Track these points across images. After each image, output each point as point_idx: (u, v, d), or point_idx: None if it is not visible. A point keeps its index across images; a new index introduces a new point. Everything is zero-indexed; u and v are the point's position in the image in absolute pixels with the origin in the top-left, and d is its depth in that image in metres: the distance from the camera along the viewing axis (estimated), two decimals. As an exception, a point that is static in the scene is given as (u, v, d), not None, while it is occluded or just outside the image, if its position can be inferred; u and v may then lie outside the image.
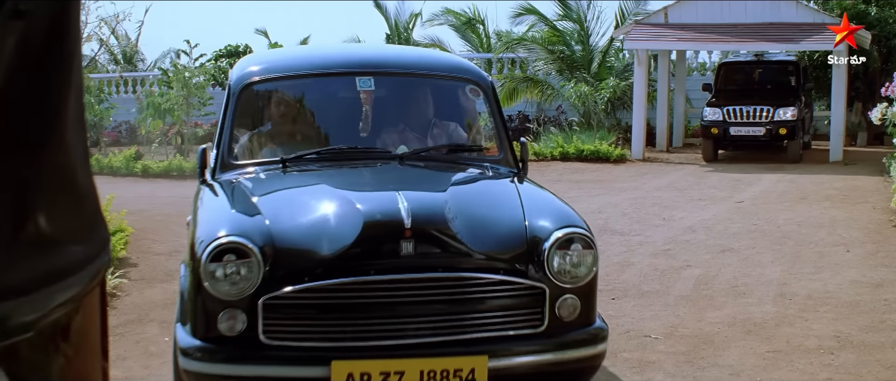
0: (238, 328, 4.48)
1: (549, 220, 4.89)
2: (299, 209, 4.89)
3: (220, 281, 4.46)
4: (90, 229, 1.71)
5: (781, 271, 9.09)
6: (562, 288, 4.72)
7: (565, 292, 4.73)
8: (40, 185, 1.54)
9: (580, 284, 4.77)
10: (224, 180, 5.61)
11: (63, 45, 1.57)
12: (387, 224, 4.62)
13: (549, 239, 4.71)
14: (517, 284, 4.70)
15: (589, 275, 4.79)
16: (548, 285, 4.69)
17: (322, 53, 7.27)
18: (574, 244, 4.75)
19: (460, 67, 6.71)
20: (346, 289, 4.55)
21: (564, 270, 4.72)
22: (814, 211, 12.96)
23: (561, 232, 4.73)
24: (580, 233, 4.78)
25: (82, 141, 1.68)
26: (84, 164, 1.69)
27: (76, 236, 1.65)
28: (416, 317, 4.62)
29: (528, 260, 4.73)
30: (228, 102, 6.03)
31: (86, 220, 1.70)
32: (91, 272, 1.66)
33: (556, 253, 4.70)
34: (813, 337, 6.85)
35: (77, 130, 1.64)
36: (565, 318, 4.75)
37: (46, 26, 1.52)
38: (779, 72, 21.78)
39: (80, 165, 1.67)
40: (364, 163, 5.93)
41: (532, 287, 4.70)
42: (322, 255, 4.54)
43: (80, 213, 1.67)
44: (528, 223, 4.83)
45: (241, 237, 4.49)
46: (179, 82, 22.40)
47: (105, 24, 24.53)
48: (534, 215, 4.92)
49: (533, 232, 4.78)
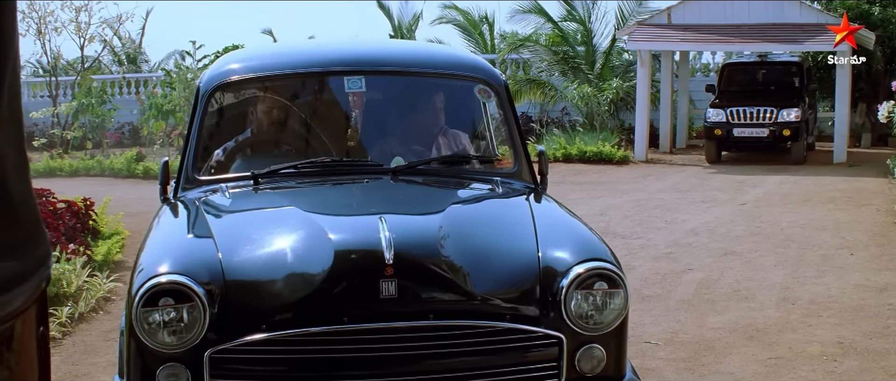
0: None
1: (567, 251, 4.01)
2: (260, 239, 4.06)
3: (156, 330, 3.65)
4: (24, 244, 1.60)
5: (784, 275, 9.02)
6: (583, 337, 3.87)
7: (587, 341, 3.88)
8: None
9: (606, 330, 3.90)
10: (186, 200, 4.82)
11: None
12: (364, 258, 3.82)
13: (568, 276, 3.84)
14: (527, 332, 3.84)
15: (617, 320, 3.93)
16: (566, 333, 3.84)
17: (304, 50, 6.19)
18: (598, 283, 3.86)
19: (468, 64, 5.66)
20: (312, 341, 3.72)
21: (586, 314, 3.86)
22: (817, 213, 12.89)
23: (582, 267, 3.86)
24: (606, 268, 3.90)
25: (17, 149, 1.56)
26: (18, 174, 1.58)
27: (9, 252, 1.55)
28: (400, 375, 3.78)
29: (542, 302, 3.87)
30: (196, 106, 5.21)
31: (21, 234, 1.59)
32: (26, 290, 1.57)
33: (576, 293, 3.84)
34: (816, 343, 6.78)
35: (10, 138, 1.53)
36: (588, 373, 3.91)
37: None
38: (782, 73, 21.70)
39: (13, 177, 1.55)
40: (351, 179, 4.98)
41: (546, 336, 3.85)
42: (283, 297, 3.77)
43: (12, 228, 1.56)
44: (542, 255, 3.97)
45: (181, 275, 3.69)
46: (182, 83, 22.36)
47: (108, 25, 24.52)
48: (549, 244, 4.04)
49: (547, 266, 3.92)
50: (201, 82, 5.32)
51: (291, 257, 3.88)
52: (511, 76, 25.50)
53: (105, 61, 33.81)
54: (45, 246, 1.67)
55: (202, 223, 4.33)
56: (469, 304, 3.83)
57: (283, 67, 5.54)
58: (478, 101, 5.68)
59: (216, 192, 4.83)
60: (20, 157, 1.59)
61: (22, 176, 1.59)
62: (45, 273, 1.65)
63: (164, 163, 5.20)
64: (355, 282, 3.79)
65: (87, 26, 21.91)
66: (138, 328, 3.65)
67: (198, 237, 4.21)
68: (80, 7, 21.53)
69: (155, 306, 3.65)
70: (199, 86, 5.30)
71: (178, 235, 4.43)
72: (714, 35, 20.59)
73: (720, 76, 22.27)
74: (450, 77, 5.57)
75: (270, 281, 3.81)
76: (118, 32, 31.96)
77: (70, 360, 6.75)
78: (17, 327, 1.58)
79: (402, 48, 8.32)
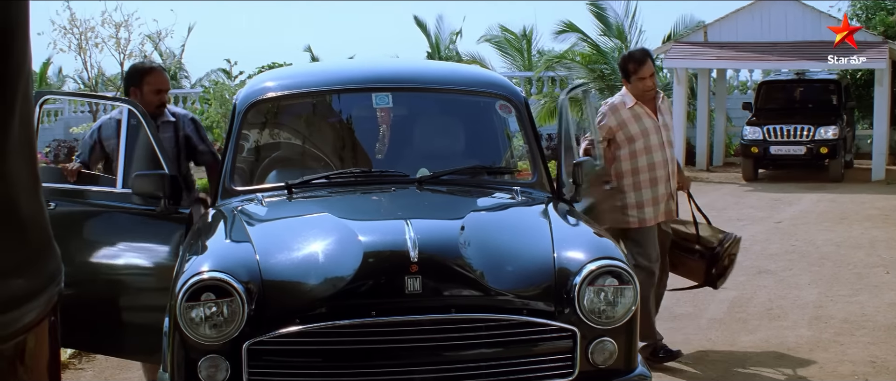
0: (220, 377, 3.95)
1: (580, 251, 4.26)
2: (294, 241, 4.33)
3: (198, 323, 3.92)
4: (35, 262, 1.63)
5: (818, 294, 8.96)
6: (595, 330, 4.09)
7: (600, 334, 4.11)
8: None
9: (617, 325, 4.13)
10: (224, 208, 5.07)
11: (2, 72, 1.50)
12: (390, 257, 4.10)
13: (580, 273, 4.08)
14: (543, 326, 4.08)
15: (627, 314, 4.15)
16: (579, 326, 4.07)
17: (334, 69, 6.51)
18: (609, 279, 4.12)
19: (489, 81, 6.01)
20: (342, 333, 3.97)
21: (598, 309, 4.10)
22: (854, 231, 12.80)
23: (593, 265, 4.10)
24: (616, 265, 4.15)
25: (29, 171, 1.59)
26: (30, 194, 1.61)
27: (19, 270, 1.57)
28: (425, 365, 4.02)
29: (557, 298, 4.10)
30: (233, 122, 5.49)
31: (31, 252, 1.62)
32: (37, 306, 1.60)
33: (588, 289, 4.08)
34: (848, 362, 6.73)
35: (22, 161, 1.56)
36: (600, 365, 4.13)
37: None
38: (820, 90, 21.59)
39: (25, 197, 1.59)
40: (378, 188, 5.27)
41: (561, 329, 4.08)
42: (316, 293, 4.00)
43: (23, 246, 1.59)
44: (557, 255, 4.21)
45: (223, 273, 3.96)
46: (219, 100, 22.52)
47: (149, 40, 24.73)
48: (563, 245, 4.29)
49: (561, 265, 4.16)
50: (238, 99, 5.61)
51: (323, 256, 4.14)
52: (547, 93, 25.48)
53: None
54: (56, 263, 1.70)
55: (240, 229, 4.61)
56: (489, 299, 4.07)
57: (314, 85, 5.87)
58: (499, 116, 5.91)
59: (252, 201, 5.10)
60: (32, 179, 1.63)
61: (33, 196, 1.63)
62: (55, 289, 1.68)
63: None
64: (383, 279, 4.09)
65: (127, 42, 22.09)
66: (182, 322, 3.92)
67: (236, 241, 4.47)
68: (120, 23, 21.71)
69: (197, 301, 3.92)
70: (236, 102, 5.58)
71: (218, 239, 4.66)
72: (751, 52, 20.52)
73: (757, 94, 22.16)
74: (473, 94, 5.84)
75: (304, 279, 4.06)
76: (159, 48, 32.24)
77: (102, 375, 6.84)
78: (29, 341, 1.61)
79: (428, 67, 8.81)
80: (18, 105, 1.54)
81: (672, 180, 6.82)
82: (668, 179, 6.77)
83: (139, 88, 6.04)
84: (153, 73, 6.13)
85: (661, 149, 6.77)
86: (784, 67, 22.11)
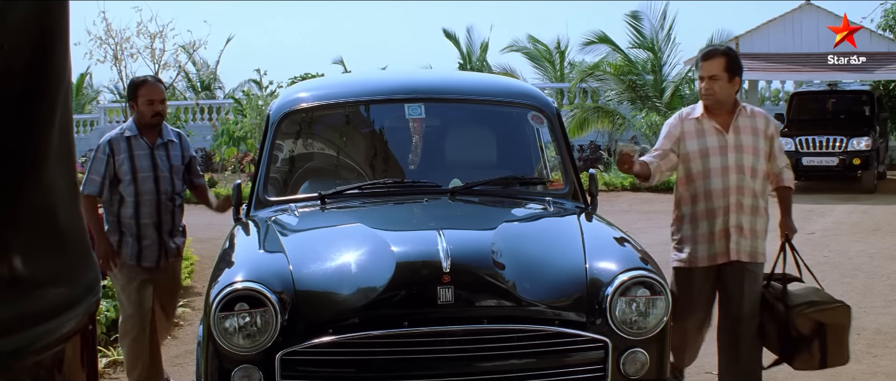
0: None
1: (612, 262, 4.28)
2: (327, 252, 4.33)
3: (232, 333, 3.94)
4: (74, 271, 1.62)
5: (851, 305, 8.89)
6: (627, 341, 4.11)
7: (631, 345, 4.12)
8: (16, 226, 1.44)
9: (648, 335, 4.15)
10: (258, 219, 5.09)
11: (44, 82, 1.48)
12: (423, 268, 4.10)
13: (612, 284, 4.10)
14: (575, 336, 4.09)
15: (658, 325, 4.17)
16: (611, 337, 4.09)
17: (367, 80, 6.47)
18: (641, 290, 4.14)
19: (521, 92, 6.04)
20: (375, 343, 3.97)
21: (630, 319, 4.12)
22: (887, 243, 12.73)
23: (625, 276, 4.13)
24: (648, 276, 4.17)
25: (67, 180, 1.59)
26: (69, 204, 1.60)
27: (57, 279, 1.56)
28: (457, 376, 4.02)
29: (589, 309, 4.11)
30: (266, 133, 5.49)
31: (69, 262, 1.61)
32: (75, 315, 1.59)
33: (620, 300, 4.10)
34: (881, 374, 6.72)
35: (61, 170, 1.55)
36: (632, 375, 4.15)
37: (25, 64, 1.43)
38: (852, 101, 21.48)
39: (64, 206, 1.58)
40: (411, 198, 5.27)
41: (592, 340, 4.09)
42: (349, 304, 4.01)
43: (62, 255, 1.58)
44: (589, 266, 4.23)
45: (256, 283, 3.99)
46: (253, 110, 22.65)
47: (184, 50, 24.92)
48: (596, 256, 4.30)
49: (593, 276, 4.18)
50: (271, 110, 5.64)
51: (356, 267, 4.16)
52: (579, 104, 25.45)
53: (179, 87, 34.29)
54: (94, 273, 1.71)
55: (273, 239, 4.62)
56: (521, 310, 4.07)
57: (347, 96, 5.87)
58: (531, 126, 5.88)
59: (286, 211, 5.12)
60: (71, 188, 1.65)
61: (72, 206, 1.64)
62: (93, 299, 1.69)
63: (237, 186, 5.48)
64: (415, 289, 4.10)
65: (162, 53, 22.27)
66: (216, 332, 3.95)
67: (270, 251, 4.48)
68: (155, 34, 21.90)
69: (231, 311, 3.94)
70: (270, 113, 5.61)
71: (252, 249, 4.70)
72: (782, 64, 20.45)
73: (789, 105, 22.07)
74: (505, 105, 5.83)
75: (337, 289, 4.08)
76: (193, 58, 32.46)
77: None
78: (67, 351, 1.62)
79: (460, 78, 8.71)
80: (58, 115, 1.55)
81: (741, 214, 5.63)
82: (734, 212, 5.58)
83: (135, 101, 6.17)
84: (146, 85, 6.21)
85: (724, 174, 5.56)
86: (816, 78, 22.01)
